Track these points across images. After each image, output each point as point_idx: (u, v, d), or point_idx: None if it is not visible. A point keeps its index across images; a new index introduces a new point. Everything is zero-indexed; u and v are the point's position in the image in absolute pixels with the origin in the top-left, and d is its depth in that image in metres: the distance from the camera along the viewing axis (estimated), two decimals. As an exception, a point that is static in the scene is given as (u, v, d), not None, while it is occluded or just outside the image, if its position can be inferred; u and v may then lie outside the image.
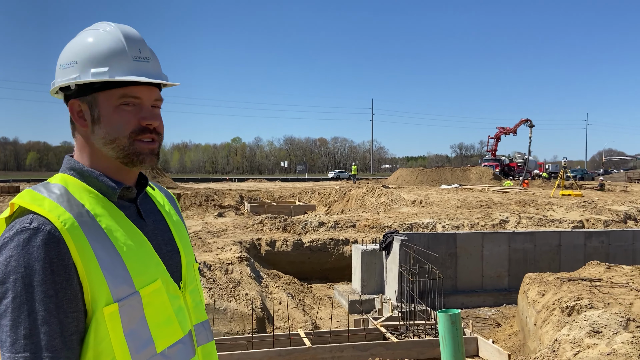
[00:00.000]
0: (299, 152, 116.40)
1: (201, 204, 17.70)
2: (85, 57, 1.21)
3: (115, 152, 1.22)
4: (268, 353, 5.61)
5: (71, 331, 1.07)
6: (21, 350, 1.03)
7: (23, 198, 1.13)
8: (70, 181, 1.20)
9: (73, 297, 1.07)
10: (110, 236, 1.14)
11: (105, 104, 1.21)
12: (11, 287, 1.04)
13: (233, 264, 7.40)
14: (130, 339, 1.12)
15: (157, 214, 1.34)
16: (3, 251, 1.06)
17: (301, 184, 36.43)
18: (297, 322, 6.82)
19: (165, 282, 1.23)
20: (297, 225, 11.32)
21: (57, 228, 1.07)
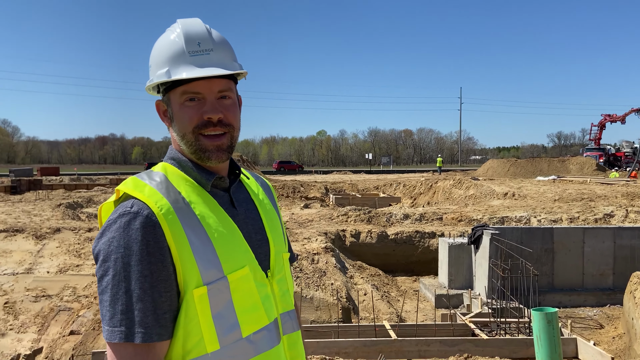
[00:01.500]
0: (383, 144, 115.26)
1: (288, 196, 18.15)
2: (154, 60, 1.30)
3: (187, 148, 1.27)
4: (354, 343, 5.64)
5: (164, 310, 1.13)
6: (118, 324, 1.10)
7: (127, 185, 1.22)
8: (170, 170, 1.28)
9: (167, 277, 1.13)
10: (202, 222, 1.19)
11: (175, 103, 1.27)
12: (112, 266, 1.11)
13: (319, 254, 7.52)
14: (218, 322, 1.17)
15: (249, 203, 1.37)
16: (107, 232, 1.14)
17: (385, 176, 36.11)
18: (382, 314, 6.79)
19: (253, 269, 1.26)
20: (382, 217, 11.24)
21: (154, 213, 1.14)
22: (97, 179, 26.50)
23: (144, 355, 1.11)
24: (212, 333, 1.16)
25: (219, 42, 1.30)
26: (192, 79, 1.23)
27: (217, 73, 1.23)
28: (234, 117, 1.29)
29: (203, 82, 1.24)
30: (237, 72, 1.29)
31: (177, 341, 1.15)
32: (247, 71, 1.35)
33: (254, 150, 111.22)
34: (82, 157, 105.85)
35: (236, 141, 1.32)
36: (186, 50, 1.24)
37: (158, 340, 1.12)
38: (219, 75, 1.25)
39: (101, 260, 1.13)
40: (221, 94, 1.27)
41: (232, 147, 1.30)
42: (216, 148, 1.26)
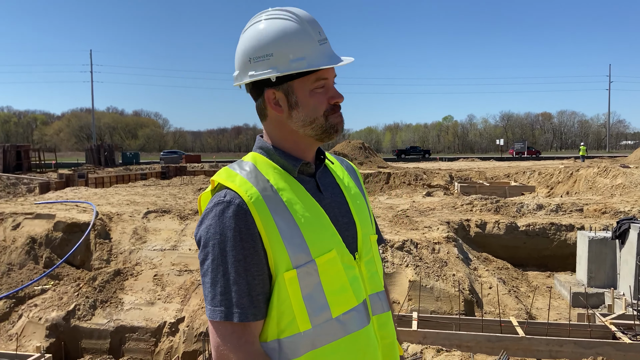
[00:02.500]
0: (517, 129, 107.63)
1: (410, 183, 17.90)
2: (281, 48, 1.27)
3: (314, 131, 1.33)
4: (476, 337, 5.43)
5: (258, 292, 1.21)
6: (218, 305, 1.20)
7: (220, 175, 1.31)
8: (259, 159, 1.34)
9: (259, 262, 1.21)
10: (290, 209, 1.24)
11: (301, 90, 1.30)
12: (211, 251, 1.21)
13: (440, 243, 7.33)
14: (308, 303, 1.23)
15: (335, 188, 1.40)
16: (205, 220, 1.24)
17: (518, 163, 33.80)
18: (508, 309, 6.43)
19: (340, 252, 1.29)
20: (511, 207, 10.58)
21: (244, 201, 1.21)
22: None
23: (241, 333, 1.20)
24: (303, 313, 1.22)
25: None
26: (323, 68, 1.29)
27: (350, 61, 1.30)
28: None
29: (330, 70, 1.31)
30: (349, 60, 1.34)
31: (271, 320, 1.23)
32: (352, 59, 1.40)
33: (376, 138, 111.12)
34: (220, 146, 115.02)
35: None
36: (314, 38, 1.29)
37: (253, 320, 1.21)
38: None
39: (202, 245, 1.24)
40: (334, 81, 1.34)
41: None
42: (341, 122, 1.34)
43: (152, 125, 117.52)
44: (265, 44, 1.28)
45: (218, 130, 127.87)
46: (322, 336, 1.23)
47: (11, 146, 34.19)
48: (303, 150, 1.35)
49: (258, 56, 1.29)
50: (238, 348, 1.19)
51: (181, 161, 44.93)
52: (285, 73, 1.28)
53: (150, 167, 32.10)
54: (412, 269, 6.50)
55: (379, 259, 1.48)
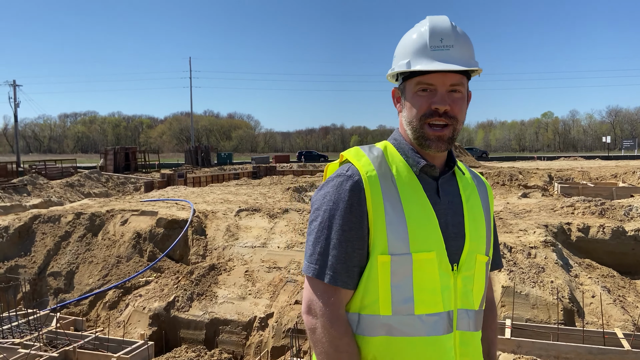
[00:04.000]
0: (626, 125, 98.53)
1: (504, 184, 17.05)
2: (399, 51, 1.41)
3: (411, 133, 1.38)
4: (576, 348, 5.07)
5: (354, 263, 1.28)
6: (314, 262, 1.30)
7: (350, 152, 1.40)
8: (389, 147, 1.42)
9: (361, 237, 1.28)
10: (402, 199, 1.30)
11: (409, 91, 1.38)
12: (321, 214, 1.31)
13: (536, 248, 6.92)
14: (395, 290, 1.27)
15: (456, 197, 1.41)
16: (325, 187, 1.34)
17: (627, 162, 30.90)
18: (613, 320, 5.92)
19: (440, 257, 1.30)
20: (619, 210, 9.70)
21: (362, 179, 1.29)
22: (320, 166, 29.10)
23: (329, 294, 1.27)
24: (387, 299, 1.26)
25: (461, 39, 1.36)
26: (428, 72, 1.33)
27: (450, 68, 1.31)
28: (459, 111, 1.35)
29: (438, 75, 1.33)
30: (470, 68, 1.35)
31: (357, 294, 1.29)
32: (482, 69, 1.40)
33: (468, 136, 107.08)
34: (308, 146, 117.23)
35: (458, 134, 1.39)
36: (428, 44, 1.34)
37: (342, 286, 1.27)
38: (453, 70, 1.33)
39: (315, 208, 1.33)
40: (452, 88, 1.34)
41: (453, 139, 1.38)
42: (437, 138, 1.34)
43: (245, 126, 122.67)
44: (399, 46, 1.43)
45: (306, 131, 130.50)
46: (399, 326, 1.26)
47: (120, 148, 37.42)
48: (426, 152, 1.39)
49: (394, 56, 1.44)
50: (325, 307, 1.26)
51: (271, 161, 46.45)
52: (391, 72, 1.40)
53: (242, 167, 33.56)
54: (505, 274, 6.20)
55: (482, 280, 1.44)
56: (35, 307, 6.42)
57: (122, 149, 37.50)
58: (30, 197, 19.57)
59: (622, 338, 5.14)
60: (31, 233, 8.24)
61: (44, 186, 23.30)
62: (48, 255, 7.76)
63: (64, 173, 28.24)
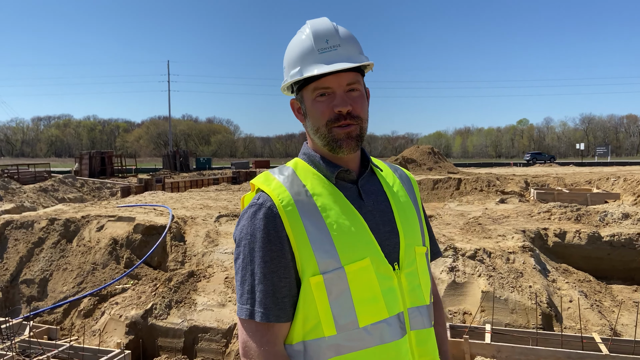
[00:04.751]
0: (599, 132, 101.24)
1: (482, 189, 17.28)
2: (287, 61, 1.37)
3: (320, 141, 1.34)
4: (555, 353, 5.12)
5: (284, 294, 1.22)
6: (245, 302, 1.24)
7: (259, 179, 1.34)
8: (300, 164, 1.36)
9: (285, 265, 1.22)
10: (322, 214, 1.24)
11: (307, 99, 1.34)
12: (242, 250, 1.25)
13: (515, 253, 7.00)
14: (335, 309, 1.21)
15: (380, 195, 1.36)
16: (241, 220, 1.29)
17: (601, 169, 31.66)
18: (590, 325, 6.02)
19: (376, 261, 1.25)
20: (594, 215, 9.91)
21: (275, 205, 1.24)
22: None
23: (264, 333, 1.21)
24: (329, 318, 1.21)
25: (346, 38, 1.34)
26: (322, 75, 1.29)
27: (343, 67, 1.27)
28: (361, 109, 1.32)
29: (332, 77, 1.29)
30: (362, 64, 1.31)
31: (297, 322, 1.23)
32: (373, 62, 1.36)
33: (446, 142, 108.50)
34: (288, 151, 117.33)
35: (365, 132, 1.35)
36: (315, 48, 1.30)
37: (276, 321, 1.21)
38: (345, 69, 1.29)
39: (236, 245, 1.28)
40: (350, 87, 1.31)
41: (362, 137, 1.33)
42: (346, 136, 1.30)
43: (224, 131, 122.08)
44: (284, 56, 1.40)
45: (287, 136, 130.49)
46: (347, 343, 1.21)
47: (96, 152, 36.80)
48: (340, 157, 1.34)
49: (283, 67, 1.40)
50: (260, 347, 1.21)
51: (251, 167, 46.27)
52: (285, 84, 1.37)
53: (222, 173, 33.31)
54: (485, 279, 6.26)
55: (426, 272, 1.41)
56: (8, 315, 6.21)
57: (98, 153, 36.89)
58: (2, 202, 19.05)
59: (600, 342, 5.22)
60: (3, 239, 8.00)
61: (17, 191, 22.72)
62: (21, 262, 7.54)
63: (37, 178, 27.60)
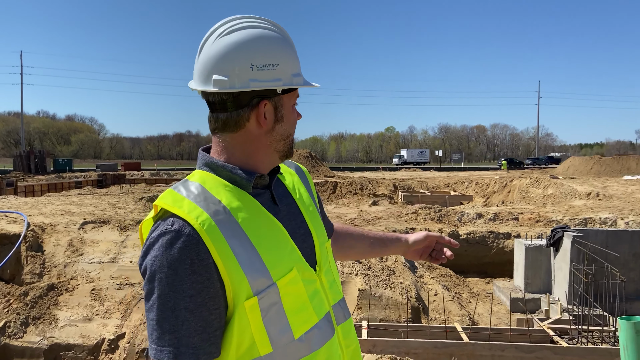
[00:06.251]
0: (454, 141, 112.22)
1: (356, 192, 18.12)
2: (285, 60, 1.23)
3: (284, 147, 1.29)
4: (423, 344, 5.53)
5: (215, 327, 1.11)
6: (165, 344, 1.08)
7: (165, 199, 1.17)
8: (207, 178, 1.22)
9: (214, 295, 1.11)
10: (246, 230, 1.15)
11: (287, 105, 1.27)
12: (157, 285, 1.09)
13: (388, 252, 7.44)
14: (270, 327, 1.14)
15: (288, 197, 1.34)
16: (150, 251, 1.12)
17: (456, 174, 35.09)
18: (453, 316, 6.61)
19: (301, 269, 1.22)
20: (453, 216, 10.94)
21: (196, 230, 1.10)
22: (175, 174, 27.93)
23: None
24: (264, 338, 1.14)
25: None
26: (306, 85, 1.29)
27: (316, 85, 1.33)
28: None
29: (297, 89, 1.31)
30: None
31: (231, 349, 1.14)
32: None
33: (322, 147, 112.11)
34: (160, 153, 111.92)
35: None
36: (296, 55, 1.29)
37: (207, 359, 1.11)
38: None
39: (147, 279, 1.12)
40: None
41: None
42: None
43: (87, 130, 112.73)
44: (272, 53, 1.21)
45: (159, 137, 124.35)
46: (284, 357, 1.17)
47: None
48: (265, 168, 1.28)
49: (263, 64, 1.20)
50: None
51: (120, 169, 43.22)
52: (290, 87, 1.23)
53: (85, 175, 30.60)
54: (361, 277, 6.54)
55: (335, 264, 1.44)
56: None
57: None
58: None
59: (461, 332, 5.75)
60: None
61: None
62: None
63: None
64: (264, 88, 1.20)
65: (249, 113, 1.22)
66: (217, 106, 1.23)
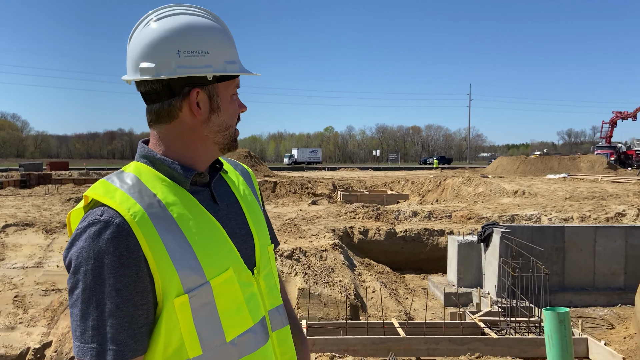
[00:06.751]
0: (391, 141, 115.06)
1: (296, 192, 18.13)
2: (217, 47, 1.18)
3: (224, 139, 1.24)
4: (362, 340, 5.62)
5: (141, 323, 1.07)
6: (89, 341, 1.03)
7: (96, 189, 1.13)
8: (143, 170, 1.18)
9: (143, 289, 1.06)
10: (181, 226, 1.12)
11: (224, 94, 1.21)
12: (82, 278, 1.04)
13: (327, 250, 7.50)
14: (200, 328, 1.11)
15: (231, 197, 1.31)
16: (76, 242, 1.07)
17: (393, 173, 35.98)
18: (390, 312, 6.76)
19: (238, 270, 1.19)
20: (390, 214, 11.20)
21: (126, 221, 1.06)
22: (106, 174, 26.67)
23: None
24: (194, 339, 1.10)
25: None
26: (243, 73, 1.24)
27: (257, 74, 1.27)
28: None
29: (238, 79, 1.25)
30: None
31: (157, 349, 1.09)
32: None
33: (261, 146, 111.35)
34: (90, 152, 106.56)
35: None
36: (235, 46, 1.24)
37: (132, 357, 1.06)
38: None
39: (71, 271, 1.06)
40: None
41: None
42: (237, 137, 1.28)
43: (9, 127, 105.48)
44: (202, 39, 1.17)
45: (88, 135, 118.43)
46: None
47: None
48: (203, 161, 1.24)
49: (192, 50, 1.16)
50: None
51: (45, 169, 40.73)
52: (222, 74, 1.18)
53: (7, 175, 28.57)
54: (301, 276, 6.55)
55: (276, 270, 1.41)
56: None
57: None
58: None
59: (398, 327, 5.90)
60: None
61: None
62: None
63: None
64: (192, 75, 1.15)
65: (180, 102, 1.17)
66: (150, 97, 1.18)
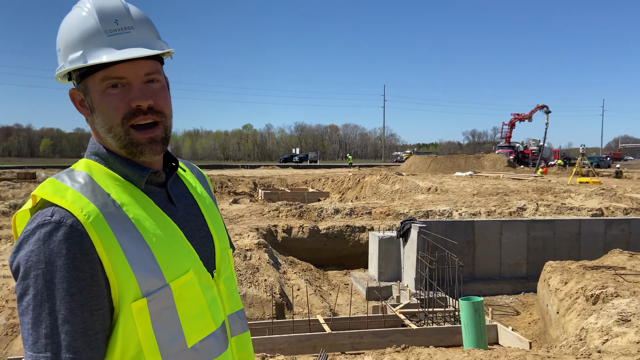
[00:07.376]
0: (310, 139, 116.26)
1: (216, 191, 17.76)
2: (63, 42, 1.12)
3: (115, 142, 1.12)
4: (288, 338, 5.64)
5: (96, 330, 1.01)
6: (42, 350, 0.98)
7: (45, 189, 1.06)
8: (95, 168, 1.12)
9: (98, 294, 1.01)
10: (138, 227, 1.07)
11: (94, 91, 1.11)
12: (32, 284, 0.98)
13: (251, 250, 7.43)
14: (160, 334, 1.06)
15: (188, 198, 1.25)
16: (25, 245, 1.00)
17: (313, 171, 36.38)
18: (315, 308, 6.84)
19: (198, 272, 1.15)
20: (313, 212, 11.31)
21: (80, 221, 1.00)
22: (3, 173, 24.41)
23: None
24: (152, 345, 1.05)
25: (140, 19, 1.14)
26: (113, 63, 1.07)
27: (143, 54, 1.08)
28: (165, 103, 1.15)
29: (126, 65, 1.09)
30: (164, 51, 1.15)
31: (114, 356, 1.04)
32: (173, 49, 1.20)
33: (176, 144, 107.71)
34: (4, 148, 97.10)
35: (170, 130, 1.18)
36: (102, 29, 1.09)
37: None
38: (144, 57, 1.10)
39: (20, 277, 0.99)
40: (148, 78, 1.12)
41: (167, 138, 1.16)
42: (149, 140, 1.12)
43: None
44: (59, 37, 1.14)
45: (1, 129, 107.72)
46: None
47: None
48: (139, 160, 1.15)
49: (57, 50, 1.15)
50: None
51: None
52: (61, 70, 1.12)
53: None
54: (225, 277, 6.44)
55: (235, 274, 1.37)
56: None
57: None
58: None
59: (323, 323, 5.99)
60: None
61: None
62: None
63: None
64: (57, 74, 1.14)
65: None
66: None
